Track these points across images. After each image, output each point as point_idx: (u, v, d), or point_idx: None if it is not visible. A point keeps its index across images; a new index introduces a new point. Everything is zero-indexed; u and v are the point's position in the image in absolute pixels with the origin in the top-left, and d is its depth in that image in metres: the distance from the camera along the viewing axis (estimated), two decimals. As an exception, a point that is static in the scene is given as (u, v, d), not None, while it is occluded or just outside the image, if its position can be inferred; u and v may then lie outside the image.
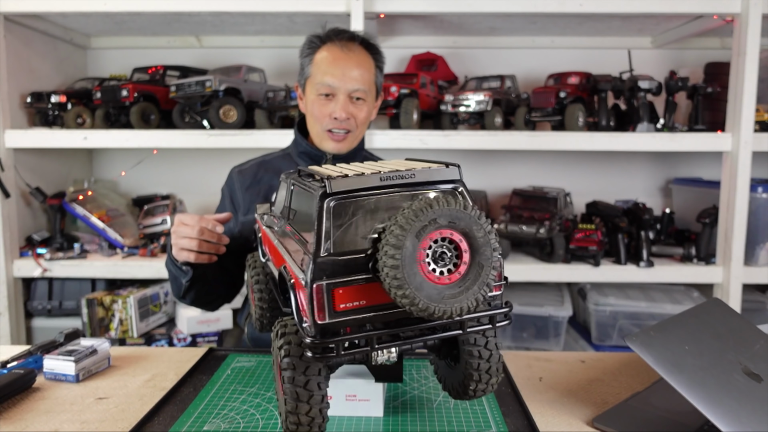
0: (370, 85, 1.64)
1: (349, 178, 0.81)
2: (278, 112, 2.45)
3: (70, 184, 2.80)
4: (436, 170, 0.86)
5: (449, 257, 0.76)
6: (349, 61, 1.60)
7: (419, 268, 0.74)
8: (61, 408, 1.12)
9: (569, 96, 2.39)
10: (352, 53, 1.61)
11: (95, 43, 3.00)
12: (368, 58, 1.66)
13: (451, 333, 0.86)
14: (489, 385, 0.94)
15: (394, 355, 0.90)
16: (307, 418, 0.84)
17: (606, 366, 1.34)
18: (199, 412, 1.09)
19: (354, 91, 1.60)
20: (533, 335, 2.53)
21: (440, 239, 0.76)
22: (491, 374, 0.93)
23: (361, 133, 1.71)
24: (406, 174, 0.82)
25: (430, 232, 0.75)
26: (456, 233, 0.76)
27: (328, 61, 1.60)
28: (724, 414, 0.89)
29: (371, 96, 1.67)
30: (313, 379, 0.84)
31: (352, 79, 1.59)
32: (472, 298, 0.76)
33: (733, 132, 2.30)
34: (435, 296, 0.74)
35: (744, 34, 2.23)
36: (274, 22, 2.61)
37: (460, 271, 0.76)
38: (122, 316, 2.41)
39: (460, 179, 0.88)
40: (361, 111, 1.63)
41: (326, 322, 0.77)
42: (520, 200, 2.54)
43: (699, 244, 2.43)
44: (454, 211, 0.75)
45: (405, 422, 1.05)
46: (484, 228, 0.76)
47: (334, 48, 1.61)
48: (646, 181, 2.99)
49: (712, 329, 1.07)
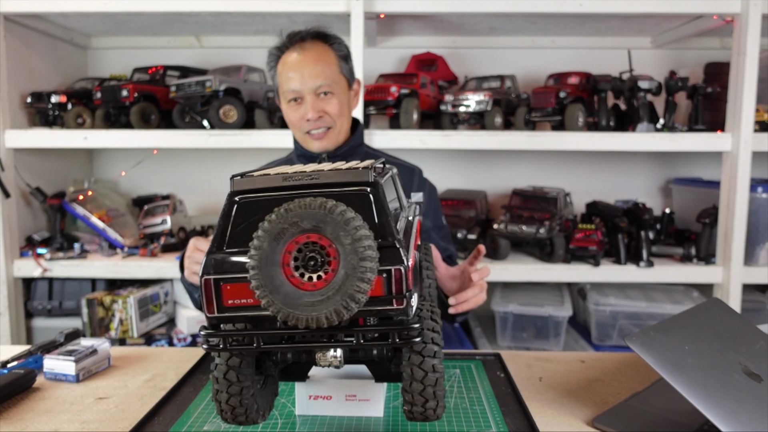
0: (334, 77, 1.63)
1: (254, 178, 0.81)
2: (278, 112, 2.45)
3: (70, 184, 2.80)
4: (342, 172, 0.80)
5: (319, 263, 0.73)
6: (305, 61, 1.61)
7: (282, 271, 0.73)
8: (61, 408, 1.12)
9: (569, 96, 2.39)
10: (308, 52, 1.62)
11: (95, 43, 3.00)
12: (327, 51, 1.65)
13: (346, 343, 0.80)
14: (426, 409, 0.84)
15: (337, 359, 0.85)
16: (227, 406, 0.87)
17: (606, 366, 1.34)
18: (199, 412, 1.09)
19: (318, 87, 1.61)
20: (533, 335, 2.53)
21: (311, 243, 0.74)
22: (426, 397, 0.83)
23: (344, 127, 1.69)
24: (311, 175, 0.80)
25: (293, 235, 0.73)
26: (325, 238, 0.73)
27: (287, 68, 1.63)
28: (724, 414, 0.89)
29: (340, 87, 1.65)
30: (233, 371, 0.85)
31: (313, 76, 1.60)
32: (331, 309, 0.72)
33: (733, 132, 2.30)
34: (292, 301, 0.72)
35: (744, 34, 2.23)
36: (274, 22, 2.61)
37: (327, 279, 0.73)
38: (122, 316, 2.41)
39: (373, 182, 0.80)
40: (331, 105, 1.63)
41: (215, 315, 0.78)
42: (520, 200, 2.54)
43: (699, 244, 2.43)
44: (319, 215, 0.72)
45: (405, 422, 1.05)
46: (351, 235, 0.71)
47: (290, 53, 1.63)
48: (646, 181, 2.99)
49: (712, 329, 1.07)
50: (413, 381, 0.82)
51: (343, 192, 0.79)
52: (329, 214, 0.72)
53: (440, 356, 0.83)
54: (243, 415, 0.89)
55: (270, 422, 1.05)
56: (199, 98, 2.41)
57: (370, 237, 0.72)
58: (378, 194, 0.79)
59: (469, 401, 1.13)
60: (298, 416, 1.07)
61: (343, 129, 1.69)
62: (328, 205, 0.72)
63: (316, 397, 1.07)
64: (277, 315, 0.73)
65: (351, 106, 1.74)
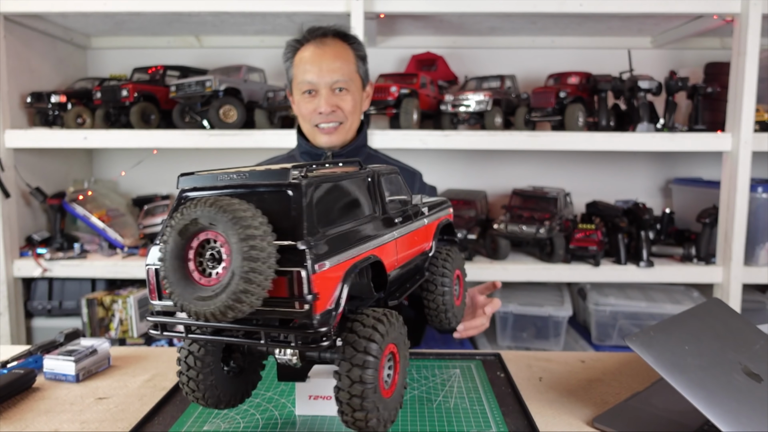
0: (351, 75, 1.65)
1: (196, 176, 0.85)
2: (278, 112, 2.45)
3: (70, 184, 2.80)
4: (266, 172, 0.81)
5: (216, 260, 0.76)
6: (325, 56, 1.62)
7: (186, 265, 0.76)
8: (61, 408, 1.12)
9: (569, 96, 2.39)
10: (328, 47, 1.63)
11: (95, 43, 3.00)
12: (346, 49, 1.67)
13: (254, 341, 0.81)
14: (356, 420, 0.82)
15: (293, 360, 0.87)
16: (188, 388, 0.95)
17: (606, 366, 1.34)
18: (199, 412, 1.09)
19: (334, 83, 1.62)
20: (533, 335, 2.53)
21: (212, 240, 0.76)
22: (353, 407, 0.82)
23: (353, 125, 1.71)
24: (241, 174, 0.82)
25: (194, 232, 0.76)
26: (221, 236, 0.74)
27: (306, 60, 1.64)
28: (724, 414, 0.89)
29: (355, 85, 1.67)
30: (192, 356, 0.94)
31: (331, 71, 1.61)
32: (219, 306, 0.73)
33: (733, 132, 2.29)
34: (189, 295, 0.75)
35: (744, 34, 2.23)
36: (274, 22, 2.61)
37: (219, 276, 0.75)
38: (122, 316, 2.41)
39: (293, 183, 0.79)
40: (346, 101, 1.65)
41: (156, 302, 0.84)
42: (520, 200, 2.54)
43: (699, 244, 2.43)
44: (212, 213, 0.74)
45: (405, 422, 1.05)
46: (237, 234, 0.72)
47: (310, 47, 1.65)
48: (646, 181, 2.99)
49: (712, 329, 1.07)
50: (340, 389, 0.82)
51: (265, 191, 0.80)
52: (220, 212, 0.73)
53: (371, 366, 0.80)
54: (202, 398, 0.96)
55: (270, 422, 1.05)
56: (199, 98, 2.41)
57: (258, 237, 0.72)
58: (298, 195, 0.79)
59: (469, 401, 1.13)
60: (298, 416, 1.07)
61: (352, 127, 1.71)
62: (221, 204, 0.74)
63: (316, 397, 1.07)
64: (178, 306, 0.76)
65: (362, 107, 1.74)
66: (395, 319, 0.87)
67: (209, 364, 0.95)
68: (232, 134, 2.37)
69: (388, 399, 0.86)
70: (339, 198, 0.88)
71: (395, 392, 0.89)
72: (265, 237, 0.73)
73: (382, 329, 0.83)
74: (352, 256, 0.84)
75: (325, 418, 1.06)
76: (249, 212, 0.74)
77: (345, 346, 0.81)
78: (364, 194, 0.95)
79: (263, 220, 0.74)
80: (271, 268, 0.72)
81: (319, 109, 1.63)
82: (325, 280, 0.77)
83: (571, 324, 2.67)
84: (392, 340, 0.86)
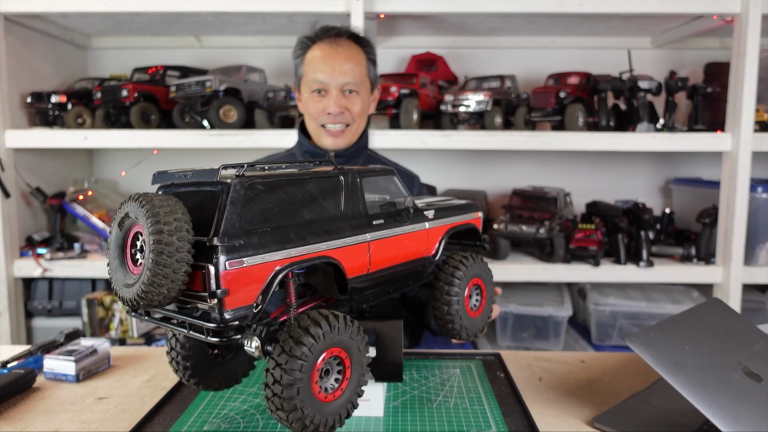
0: (361, 78, 1.65)
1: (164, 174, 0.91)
2: (278, 112, 2.45)
3: (70, 184, 2.80)
4: (201, 171, 0.85)
5: (141, 251, 0.81)
6: (338, 56, 1.61)
7: (124, 254, 0.84)
8: (61, 408, 1.12)
9: (569, 96, 2.39)
10: (341, 48, 1.63)
11: (95, 43, 3.00)
12: (358, 52, 1.67)
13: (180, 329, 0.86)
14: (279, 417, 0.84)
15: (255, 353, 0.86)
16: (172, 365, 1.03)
17: (606, 366, 1.34)
18: (199, 412, 1.09)
19: (345, 84, 1.62)
20: (533, 335, 2.53)
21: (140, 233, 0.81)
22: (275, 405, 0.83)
23: (360, 127, 1.71)
24: (184, 174, 0.87)
25: (129, 224, 0.83)
26: (145, 231, 0.78)
27: (318, 59, 1.63)
28: (724, 414, 0.89)
29: (364, 88, 1.67)
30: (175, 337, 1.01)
31: (343, 72, 1.61)
32: (134, 292, 0.78)
33: (733, 132, 2.30)
34: (119, 281, 0.82)
35: (744, 34, 2.23)
36: (274, 22, 2.61)
37: (141, 266, 0.79)
38: (122, 316, 2.41)
39: (219, 182, 0.82)
40: (355, 104, 1.64)
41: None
42: (520, 200, 2.54)
43: (699, 244, 2.43)
44: (135, 208, 0.78)
45: (405, 422, 1.05)
46: (148, 227, 0.76)
47: (323, 45, 1.64)
48: (646, 181, 2.99)
49: (712, 329, 1.07)
50: (266, 385, 0.83)
51: (203, 190, 0.85)
52: (139, 207, 0.78)
53: (294, 368, 0.79)
54: (184, 377, 1.04)
55: (270, 422, 1.05)
56: (199, 98, 2.41)
57: (166, 231, 0.75)
58: (221, 194, 0.81)
59: (469, 401, 1.13)
60: (298, 416, 1.07)
61: (359, 130, 1.71)
62: (141, 199, 0.78)
63: (316, 397, 1.07)
64: (114, 290, 0.84)
65: (369, 110, 1.74)
66: (341, 323, 0.85)
67: (190, 348, 1.02)
68: (232, 134, 2.37)
69: (326, 404, 0.84)
70: (284, 197, 0.87)
71: (341, 398, 0.86)
72: (176, 232, 0.75)
73: (315, 332, 0.81)
74: (288, 255, 0.84)
75: (325, 418, 1.06)
76: (166, 208, 0.77)
77: (276, 345, 0.82)
78: (327, 194, 0.93)
79: (180, 216, 0.77)
80: (180, 262, 0.75)
81: (328, 109, 1.62)
82: (241, 277, 0.78)
83: (571, 324, 2.67)
84: (336, 344, 0.84)
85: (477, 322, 1.19)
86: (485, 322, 1.23)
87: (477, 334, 1.19)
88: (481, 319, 1.21)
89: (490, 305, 1.24)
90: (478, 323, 1.20)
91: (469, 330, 1.17)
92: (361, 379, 0.90)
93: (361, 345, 0.89)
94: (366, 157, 1.80)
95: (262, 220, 0.83)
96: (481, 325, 1.21)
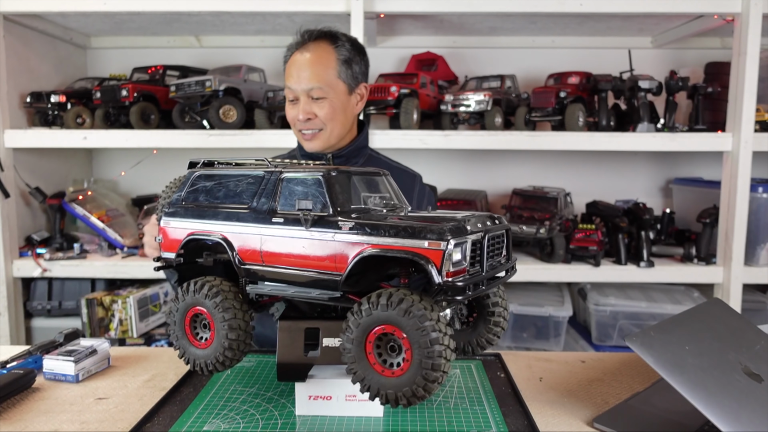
0: (329, 81, 1.62)
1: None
2: (278, 112, 2.45)
3: (70, 184, 2.80)
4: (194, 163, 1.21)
5: None
6: (303, 63, 1.61)
7: None
8: (60, 408, 1.12)
9: (569, 96, 2.38)
10: (308, 53, 1.62)
11: (95, 43, 3.00)
12: (328, 53, 1.63)
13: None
14: None
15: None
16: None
17: (606, 366, 1.34)
18: (199, 412, 1.09)
19: (309, 90, 1.61)
20: (533, 335, 2.52)
21: None
22: None
23: (335, 130, 1.67)
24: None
25: None
26: None
27: (288, 67, 1.64)
28: (725, 414, 0.88)
29: (335, 91, 1.63)
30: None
31: (305, 79, 1.60)
32: None
33: (734, 132, 2.29)
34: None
35: (744, 33, 2.23)
36: (274, 22, 2.60)
37: None
38: (122, 316, 2.41)
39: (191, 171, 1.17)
40: (323, 108, 1.62)
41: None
42: (520, 200, 2.54)
43: (699, 244, 2.43)
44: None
45: (405, 422, 1.05)
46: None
47: (296, 53, 1.64)
48: (646, 181, 2.99)
49: (713, 329, 1.07)
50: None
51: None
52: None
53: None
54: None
55: (270, 422, 1.05)
56: (199, 98, 2.41)
57: None
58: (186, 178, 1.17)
59: (469, 401, 1.13)
60: (298, 416, 1.07)
61: (334, 133, 1.67)
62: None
63: (316, 397, 1.06)
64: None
65: (350, 111, 1.70)
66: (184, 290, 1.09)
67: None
68: (231, 134, 2.37)
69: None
70: (213, 186, 1.12)
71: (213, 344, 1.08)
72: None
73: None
74: (195, 228, 1.11)
75: (325, 418, 1.06)
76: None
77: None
78: (247, 189, 1.08)
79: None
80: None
81: (298, 116, 1.63)
82: (168, 233, 1.15)
83: (572, 324, 2.66)
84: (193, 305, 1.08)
85: (397, 384, 0.88)
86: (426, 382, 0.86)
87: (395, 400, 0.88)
88: (408, 380, 0.87)
89: (430, 363, 0.85)
90: (401, 385, 0.88)
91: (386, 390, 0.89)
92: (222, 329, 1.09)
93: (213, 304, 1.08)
94: (366, 157, 1.79)
95: (193, 199, 1.13)
96: (409, 387, 0.87)
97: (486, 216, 1.01)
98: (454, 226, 0.90)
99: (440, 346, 0.85)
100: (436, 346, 0.84)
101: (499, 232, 1.01)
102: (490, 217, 1.02)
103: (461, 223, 0.91)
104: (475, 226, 0.94)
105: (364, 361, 0.91)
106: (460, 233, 0.89)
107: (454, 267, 0.89)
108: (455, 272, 0.89)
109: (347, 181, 1.03)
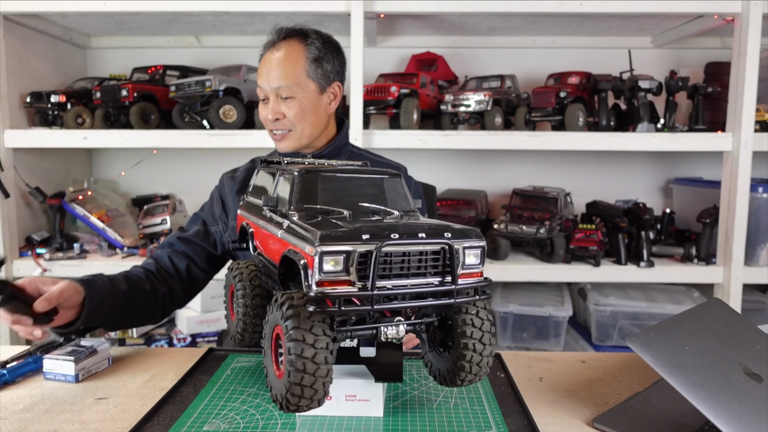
0: (297, 80, 1.58)
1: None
2: (278, 112, 2.45)
3: (70, 184, 2.80)
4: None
5: None
6: (271, 61, 1.59)
7: None
8: (60, 408, 1.12)
9: (569, 96, 2.38)
10: (276, 51, 1.60)
11: (95, 43, 3.00)
12: (297, 52, 1.60)
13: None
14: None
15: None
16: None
17: (606, 366, 1.34)
18: (199, 412, 1.09)
19: (277, 89, 1.58)
20: (533, 335, 2.52)
21: None
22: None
23: (305, 130, 1.63)
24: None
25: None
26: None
27: (260, 66, 1.62)
28: (725, 414, 0.88)
29: (304, 91, 1.59)
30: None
31: (273, 78, 1.57)
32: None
33: (734, 132, 2.29)
34: None
35: (744, 33, 2.23)
36: (274, 21, 2.58)
37: None
38: (122, 316, 2.41)
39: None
40: (291, 108, 1.59)
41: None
42: (520, 200, 2.54)
43: (699, 244, 2.43)
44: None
45: (405, 422, 1.05)
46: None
47: (267, 52, 1.62)
48: (646, 181, 2.99)
49: (713, 329, 1.07)
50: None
51: None
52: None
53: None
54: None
55: (270, 422, 1.05)
56: (198, 98, 2.41)
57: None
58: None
59: (469, 401, 1.13)
60: (298, 416, 1.07)
61: (305, 133, 1.63)
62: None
63: (315, 398, 1.06)
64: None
65: (322, 111, 1.65)
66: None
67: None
68: (232, 134, 2.37)
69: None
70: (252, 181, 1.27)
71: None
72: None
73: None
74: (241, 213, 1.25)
75: (325, 418, 1.06)
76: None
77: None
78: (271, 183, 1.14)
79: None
80: None
81: (268, 116, 1.61)
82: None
83: (572, 324, 2.66)
84: None
85: (279, 385, 0.86)
86: (292, 384, 0.83)
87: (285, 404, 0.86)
88: (285, 383, 0.84)
89: (291, 370, 0.82)
90: (281, 387, 0.86)
91: (277, 393, 0.87)
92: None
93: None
94: (348, 154, 1.77)
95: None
96: (283, 392, 0.85)
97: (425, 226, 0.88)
98: (333, 233, 0.81)
99: (297, 354, 0.80)
100: (294, 353, 0.81)
101: (416, 249, 0.86)
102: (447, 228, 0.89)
103: (353, 232, 0.82)
104: (378, 238, 0.82)
105: (269, 359, 0.92)
106: (334, 240, 0.81)
107: (327, 276, 0.81)
108: (332, 282, 0.82)
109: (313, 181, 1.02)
